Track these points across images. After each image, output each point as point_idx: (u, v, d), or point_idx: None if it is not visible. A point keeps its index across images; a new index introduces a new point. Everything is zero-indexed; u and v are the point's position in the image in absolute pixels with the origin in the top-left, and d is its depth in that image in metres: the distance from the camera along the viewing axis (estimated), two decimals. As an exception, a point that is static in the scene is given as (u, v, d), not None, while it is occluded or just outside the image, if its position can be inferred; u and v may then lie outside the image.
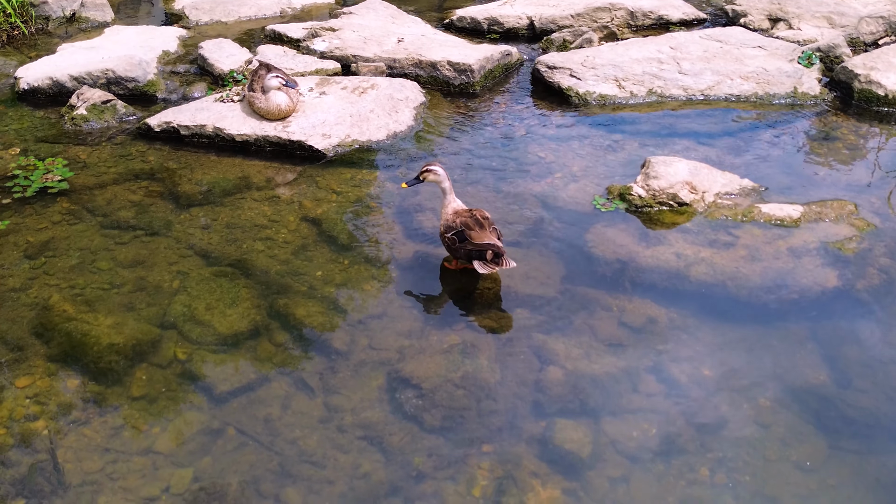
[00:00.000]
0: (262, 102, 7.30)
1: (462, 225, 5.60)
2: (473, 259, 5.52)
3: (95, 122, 7.64)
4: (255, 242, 6.16)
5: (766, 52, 8.60)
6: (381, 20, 9.61)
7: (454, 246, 5.62)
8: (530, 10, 9.83)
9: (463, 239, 5.56)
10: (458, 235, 5.59)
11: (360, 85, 7.98)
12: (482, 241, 5.48)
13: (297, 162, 7.19)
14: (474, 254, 5.51)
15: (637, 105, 8.01)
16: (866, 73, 8.01)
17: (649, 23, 9.76)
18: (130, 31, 9.39)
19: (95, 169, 7.07)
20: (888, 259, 5.71)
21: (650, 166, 6.45)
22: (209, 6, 10.16)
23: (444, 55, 8.49)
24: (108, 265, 5.94)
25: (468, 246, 5.52)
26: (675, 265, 5.76)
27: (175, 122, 7.42)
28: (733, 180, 6.49)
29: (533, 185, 6.82)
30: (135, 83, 8.20)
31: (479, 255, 5.49)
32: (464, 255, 5.58)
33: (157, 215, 6.49)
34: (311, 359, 5.14)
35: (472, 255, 5.52)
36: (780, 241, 5.90)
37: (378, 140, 7.39)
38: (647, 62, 8.42)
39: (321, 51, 8.81)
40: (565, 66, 8.36)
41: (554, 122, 7.85)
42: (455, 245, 5.61)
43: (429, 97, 8.20)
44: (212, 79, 8.46)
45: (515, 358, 5.08)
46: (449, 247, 5.68)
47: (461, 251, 5.58)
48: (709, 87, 8.09)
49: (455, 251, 5.64)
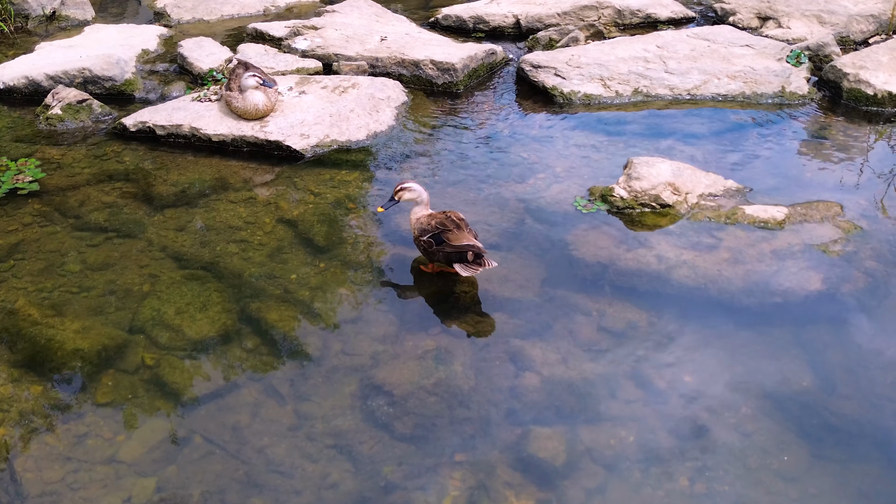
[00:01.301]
0: (239, 102, 7.17)
1: (438, 226, 5.47)
2: (454, 262, 5.38)
3: (71, 122, 7.50)
4: (230, 245, 6.03)
5: (754, 51, 8.48)
6: (364, 18, 9.48)
7: (431, 249, 5.48)
8: (516, 8, 9.70)
9: (440, 241, 5.42)
10: (434, 238, 5.45)
11: (341, 84, 7.85)
12: (461, 243, 5.34)
13: (275, 162, 7.06)
14: (454, 256, 5.37)
15: (623, 105, 7.89)
16: (855, 72, 7.89)
17: (637, 21, 9.64)
18: (111, 30, 9.25)
19: (69, 169, 6.93)
20: (874, 262, 5.59)
21: (632, 167, 6.32)
22: (191, 4, 10.02)
23: (427, 54, 8.36)
24: (77, 268, 5.81)
25: (447, 248, 5.39)
26: (657, 268, 5.64)
27: (151, 121, 7.28)
28: (717, 181, 6.37)
29: (515, 187, 6.69)
30: (112, 82, 8.06)
31: (459, 257, 5.36)
32: (442, 258, 5.44)
33: (130, 217, 6.35)
34: (283, 364, 5.01)
35: (452, 258, 5.38)
36: (763, 243, 5.78)
37: (358, 140, 7.26)
38: (634, 61, 8.30)
39: (303, 49, 8.68)
40: (550, 66, 8.23)
41: (538, 122, 7.73)
42: (432, 248, 5.47)
43: (411, 97, 8.07)
44: (191, 78, 8.33)
45: (491, 364, 4.95)
46: (426, 250, 5.55)
47: (439, 254, 5.45)
48: (695, 87, 7.97)
49: (432, 255, 5.51)
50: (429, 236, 5.47)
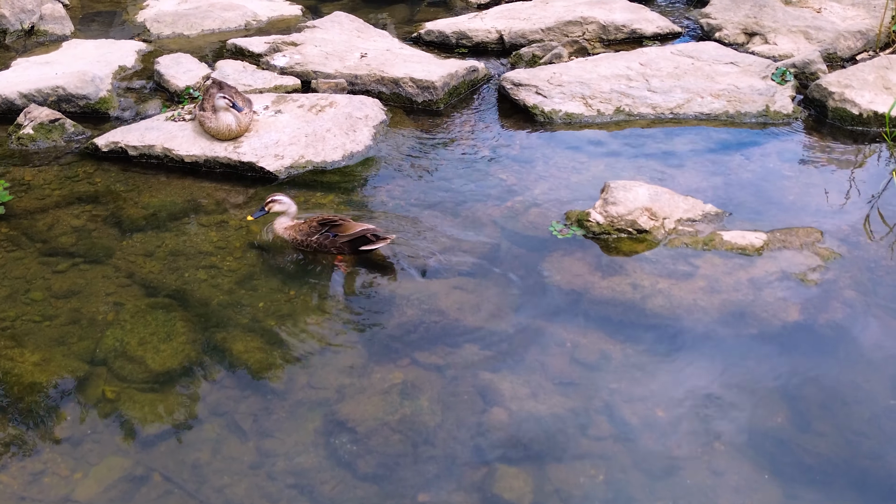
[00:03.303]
0: (212, 122, 7.05)
1: (323, 224, 5.88)
2: (359, 246, 5.83)
3: (42, 142, 7.39)
4: (199, 271, 5.91)
5: (738, 69, 8.37)
6: (346, 34, 9.37)
7: (326, 241, 5.85)
8: (500, 23, 9.59)
9: (334, 235, 5.82)
10: (328, 234, 5.85)
11: (318, 103, 7.73)
12: (358, 229, 5.81)
13: (249, 184, 6.94)
14: (358, 241, 5.81)
15: (604, 124, 7.78)
16: (840, 91, 7.78)
17: (622, 37, 9.53)
18: (88, 45, 9.14)
19: (39, 191, 6.81)
20: (853, 291, 5.48)
21: (609, 191, 6.20)
22: (171, 19, 9.90)
23: (407, 71, 8.25)
24: (41, 296, 5.69)
25: (342, 238, 5.78)
26: (632, 297, 5.52)
27: (123, 142, 7.17)
28: (696, 205, 6.25)
29: (492, 210, 6.58)
30: (86, 101, 7.95)
31: (362, 241, 5.81)
32: (347, 246, 5.83)
33: (98, 241, 6.23)
34: (247, 399, 4.89)
35: (357, 244, 5.82)
36: (741, 271, 5.66)
37: (333, 161, 7.14)
38: (616, 79, 8.19)
39: (281, 66, 8.57)
40: (531, 84, 8.12)
41: (518, 141, 7.62)
42: (328, 241, 5.84)
43: (390, 115, 7.96)
44: (167, 95, 8.21)
45: (458, 398, 4.83)
46: (322, 246, 5.89)
47: (335, 245, 5.84)
48: (678, 106, 7.85)
49: (327, 248, 5.88)
50: (320, 234, 5.86)
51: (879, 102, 7.66)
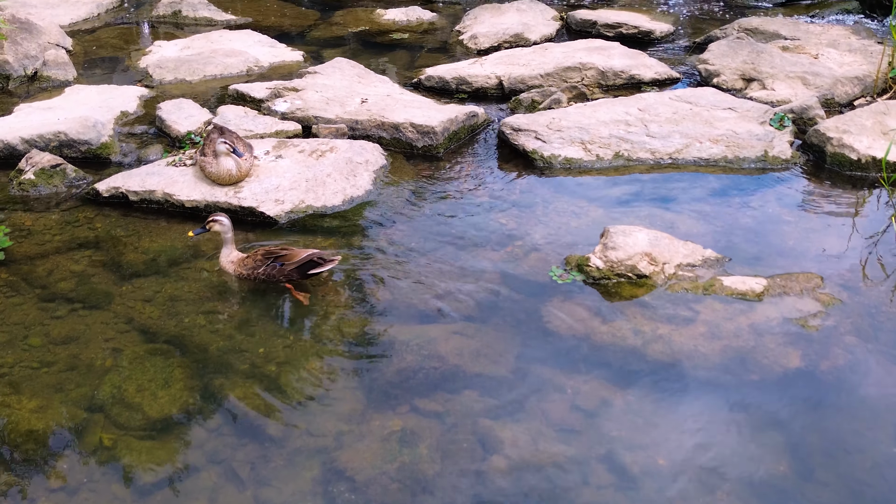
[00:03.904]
0: (213, 167, 7.08)
1: (269, 256, 6.06)
2: (307, 271, 6.03)
3: (44, 187, 7.41)
4: (198, 316, 5.89)
5: (736, 114, 8.42)
6: (346, 80, 9.44)
7: (274, 271, 6.03)
8: (500, 69, 9.67)
9: (282, 264, 5.98)
10: (273, 263, 6.03)
11: (319, 148, 7.77)
12: (301, 256, 6.01)
13: (249, 228, 6.96)
14: (306, 266, 6.01)
15: (603, 169, 7.81)
16: (839, 136, 7.82)
17: (621, 82, 9.60)
18: (91, 91, 9.20)
19: (39, 237, 6.82)
20: (854, 337, 5.46)
21: (608, 236, 6.21)
22: (174, 65, 9.99)
23: (407, 116, 8.30)
24: (40, 342, 5.67)
25: (289, 266, 6.02)
26: (632, 342, 5.50)
27: (124, 187, 7.19)
28: (696, 251, 6.26)
29: (492, 255, 6.58)
30: (87, 146, 7.98)
31: (308, 266, 6.02)
32: (296, 273, 6.05)
33: (98, 287, 6.23)
34: (245, 446, 4.85)
35: (305, 269, 6.02)
36: (741, 316, 5.65)
37: (333, 206, 7.16)
38: (615, 124, 8.23)
39: (282, 112, 8.62)
40: (530, 129, 8.16)
41: (518, 186, 7.64)
42: (275, 271, 6.01)
43: (390, 160, 7.99)
44: (169, 140, 8.26)
45: (458, 446, 4.79)
46: (270, 276, 6.06)
47: (283, 274, 6.02)
48: (677, 151, 7.89)
49: (275, 278, 6.06)
50: (266, 266, 6.04)
51: (877, 148, 7.69)
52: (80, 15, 11.87)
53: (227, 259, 6.26)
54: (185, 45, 10.74)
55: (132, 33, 11.40)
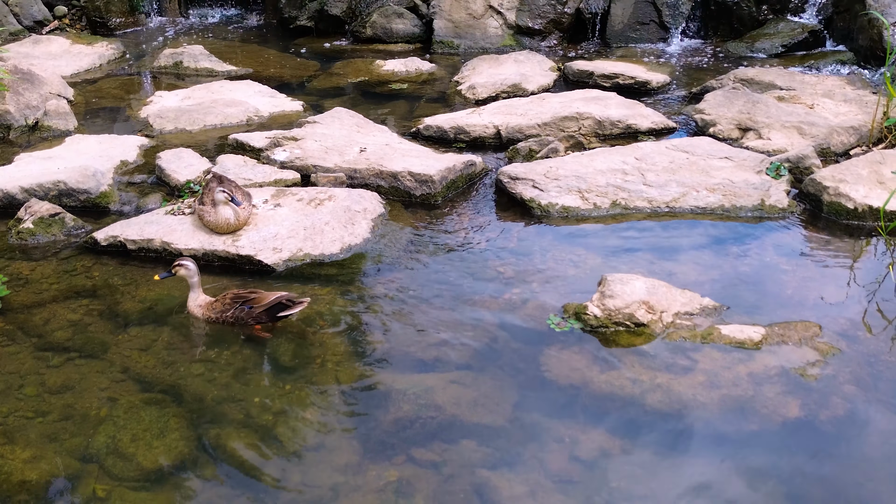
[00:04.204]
0: (211, 216, 7.10)
1: (238, 299, 6.13)
2: (276, 314, 6.11)
3: (42, 236, 7.42)
4: (194, 365, 5.87)
5: (733, 164, 8.47)
6: (345, 129, 9.51)
7: (242, 314, 6.08)
8: (497, 118, 9.74)
9: (250, 307, 6.04)
10: (242, 307, 6.10)
11: (317, 196, 7.80)
12: (270, 298, 6.09)
13: (246, 276, 6.95)
14: (273, 310, 6.10)
15: (601, 217, 7.83)
16: (835, 185, 7.85)
17: (617, 132, 9.67)
18: (91, 140, 9.26)
19: (37, 286, 6.82)
20: (853, 387, 5.43)
21: (606, 284, 6.21)
22: (174, 115, 10.06)
23: (405, 165, 8.34)
24: (35, 391, 5.64)
25: (258, 309, 6.08)
26: (631, 391, 5.47)
27: (122, 236, 7.20)
28: (693, 299, 6.25)
29: (490, 302, 6.57)
30: (87, 195, 8.01)
31: (277, 308, 6.10)
32: (266, 316, 6.12)
33: (94, 336, 6.21)
34: (239, 497, 4.79)
35: (274, 311, 6.10)
36: (740, 365, 5.63)
37: (331, 254, 7.17)
38: (612, 173, 8.28)
39: (281, 161, 8.67)
40: (528, 177, 8.20)
41: (516, 234, 7.65)
42: (244, 313, 6.07)
43: (389, 208, 8.02)
44: (168, 189, 8.29)
45: (455, 497, 4.74)
46: (238, 319, 6.12)
47: (252, 316, 6.08)
48: (674, 199, 7.92)
49: (244, 321, 6.12)
50: (235, 310, 6.13)
51: (874, 197, 7.72)
52: (82, 66, 12.00)
53: (195, 303, 6.33)
54: (186, 95, 10.83)
55: (133, 84, 11.50)
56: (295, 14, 13.42)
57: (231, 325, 6.21)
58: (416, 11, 13.27)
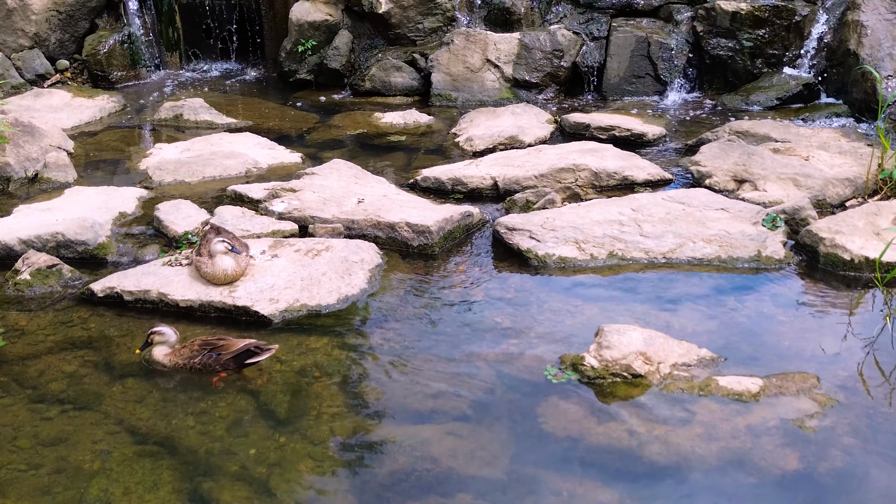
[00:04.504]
0: (209, 267, 7.11)
1: (206, 346, 6.18)
2: (244, 360, 6.18)
3: (39, 288, 7.43)
4: (188, 417, 5.83)
5: (729, 215, 8.50)
6: (343, 180, 9.56)
7: (210, 361, 6.12)
8: (494, 170, 9.80)
9: (218, 354, 6.09)
10: (210, 353, 6.14)
11: (315, 247, 7.82)
12: (239, 345, 6.17)
13: (243, 328, 6.94)
14: (240, 357, 6.16)
15: (598, 268, 7.84)
16: (831, 236, 7.88)
17: (614, 183, 9.72)
18: (90, 192, 9.30)
19: (32, 337, 6.81)
20: (852, 439, 5.39)
21: (603, 335, 6.20)
22: (173, 167, 10.13)
23: (402, 216, 8.38)
24: (28, 443, 5.60)
25: (226, 356, 6.14)
26: (628, 443, 5.43)
27: (119, 287, 7.21)
28: (691, 350, 6.24)
29: (487, 353, 6.56)
30: (85, 246, 8.03)
31: (245, 355, 6.17)
32: (233, 363, 6.18)
33: (89, 388, 6.18)
34: (232, 551, 4.75)
35: (241, 359, 6.17)
36: (738, 417, 5.60)
37: (329, 304, 7.16)
38: (608, 224, 8.31)
39: (279, 212, 8.71)
40: (525, 228, 8.23)
41: (513, 285, 7.66)
42: (212, 360, 6.11)
43: (386, 259, 8.03)
44: (166, 241, 8.31)
45: (451, 551, 4.69)
46: (206, 366, 6.16)
47: (219, 363, 6.13)
48: (671, 250, 7.94)
49: (211, 367, 6.16)
50: (204, 356, 6.15)
51: (870, 248, 7.74)
52: (82, 118, 12.10)
53: (161, 353, 6.39)
54: (186, 147, 10.91)
55: (134, 136, 11.59)
56: (295, 68, 13.56)
57: (198, 371, 6.24)
58: (415, 65, 13.42)
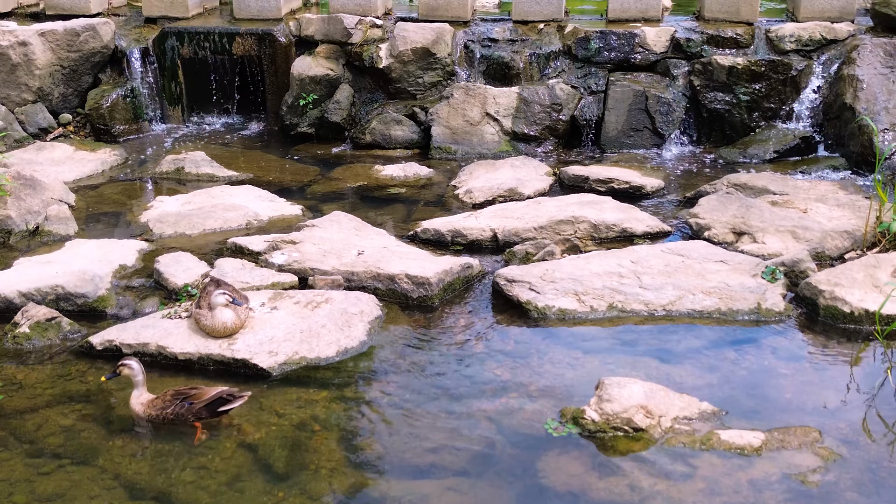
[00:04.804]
0: (208, 320, 7.11)
1: (179, 395, 6.16)
2: (217, 409, 6.15)
3: (38, 341, 7.41)
4: (185, 471, 5.79)
5: (728, 267, 8.52)
6: (344, 232, 9.59)
7: (183, 410, 6.08)
8: (494, 222, 9.83)
9: (191, 403, 6.05)
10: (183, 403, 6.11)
11: (314, 299, 7.82)
12: (211, 393, 6.16)
13: (242, 381, 6.90)
14: (216, 404, 6.14)
15: (598, 320, 7.83)
16: (831, 289, 7.88)
17: (613, 235, 9.74)
18: (91, 245, 9.32)
19: (31, 391, 6.77)
20: (855, 493, 5.35)
21: (603, 388, 6.18)
22: (174, 219, 10.16)
23: (402, 268, 8.39)
24: (25, 499, 5.55)
25: (199, 405, 6.11)
26: (630, 499, 5.39)
27: (118, 340, 7.19)
28: (692, 403, 6.21)
29: (487, 406, 6.53)
30: (84, 299, 8.02)
31: (218, 403, 6.14)
32: (206, 412, 6.15)
33: (87, 442, 6.14)
34: None
35: (214, 406, 6.14)
36: (740, 471, 5.55)
37: (328, 357, 7.15)
38: (608, 276, 8.32)
39: (279, 264, 8.72)
40: (525, 280, 8.24)
41: (513, 337, 7.65)
42: (184, 409, 6.08)
43: (386, 311, 8.02)
44: (166, 293, 8.31)
45: None
46: (179, 416, 6.12)
47: (192, 412, 6.09)
48: (670, 302, 7.94)
49: (184, 417, 6.11)
50: (177, 405, 6.15)
51: (870, 300, 7.73)
52: (84, 172, 12.15)
53: (137, 401, 6.36)
54: (187, 200, 10.95)
55: (135, 189, 11.64)
56: (296, 121, 13.66)
57: (171, 422, 6.20)
58: (415, 118, 13.52)
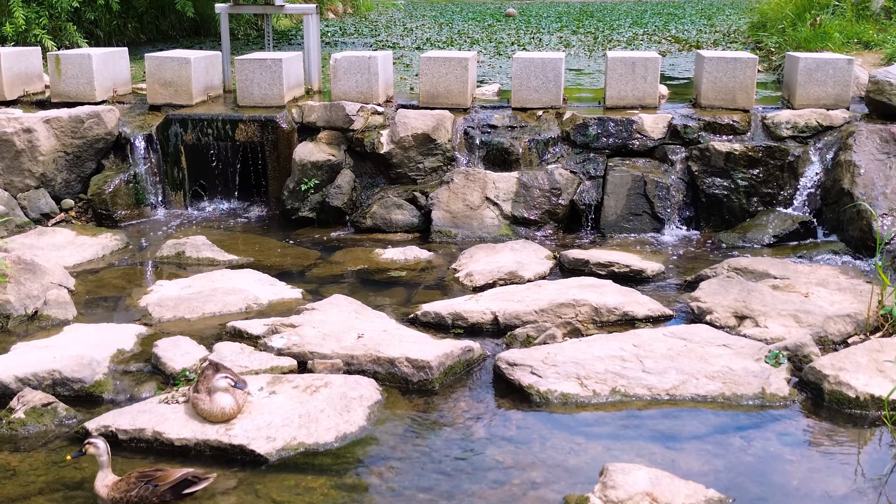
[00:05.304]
0: (206, 405, 7.02)
1: (144, 478, 6.08)
2: (182, 490, 6.10)
3: (33, 426, 7.31)
4: (180, 561, 5.64)
5: (731, 351, 8.45)
6: (343, 315, 9.55)
7: (147, 493, 6.00)
8: (495, 305, 9.80)
9: (155, 485, 5.96)
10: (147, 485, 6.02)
11: (314, 383, 7.74)
12: (176, 475, 6.12)
13: (238, 467, 6.78)
14: (178, 488, 6.09)
15: (600, 404, 7.73)
16: (835, 374, 7.81)
17: (614, 318, 9.70)
18: (89, 329, 9.27)
19: (24, 478, 6.65)
20: (868, 583, 5.20)
21: (608, 475, 6.06)
22: (173, 303, 10.12)
23: (402, 351, 8.33)
24: (12, 589, 5.39)
25: (163, 487, 5.98)
26: (636, 589, 5.23)
27: (114, 426, 7.09)
28: (698, 490, 6.08)
29: (489, 493, 6.40)
30: (81, 384, 7.94)
31: (183, 485, 6.11)
32: (170, 494, 6.09)
33: (78, 529, 6.01)
34: None
35: (179, 488, 6.10)
36: (749, 561, 5.41)
37: (326, 442, 7.03)
38: (610, 360, 8.25)
39: (278, 347, 8.66)
40: (526, 364, 8.17)
41: (514, 422, 7.54)
42: (148, 492, 5.98)
43: (385, 395, 7.93)
44: (164, 377, 8.23)
45: None
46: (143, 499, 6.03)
47: (156, 495, 6.00)
48: (674, 387, 7.85)
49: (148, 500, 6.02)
50: (140, 489, 6.02)
51: (875, 385, 7.65)
52: (85, 256, 12.16)
53: (102, 483, 6.28)
54: (187, 284, 10.94)
55: (135, 274, 11.63)
56: (297, 206, 13.74)
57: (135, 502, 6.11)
58: (415, 202, 13.61)
